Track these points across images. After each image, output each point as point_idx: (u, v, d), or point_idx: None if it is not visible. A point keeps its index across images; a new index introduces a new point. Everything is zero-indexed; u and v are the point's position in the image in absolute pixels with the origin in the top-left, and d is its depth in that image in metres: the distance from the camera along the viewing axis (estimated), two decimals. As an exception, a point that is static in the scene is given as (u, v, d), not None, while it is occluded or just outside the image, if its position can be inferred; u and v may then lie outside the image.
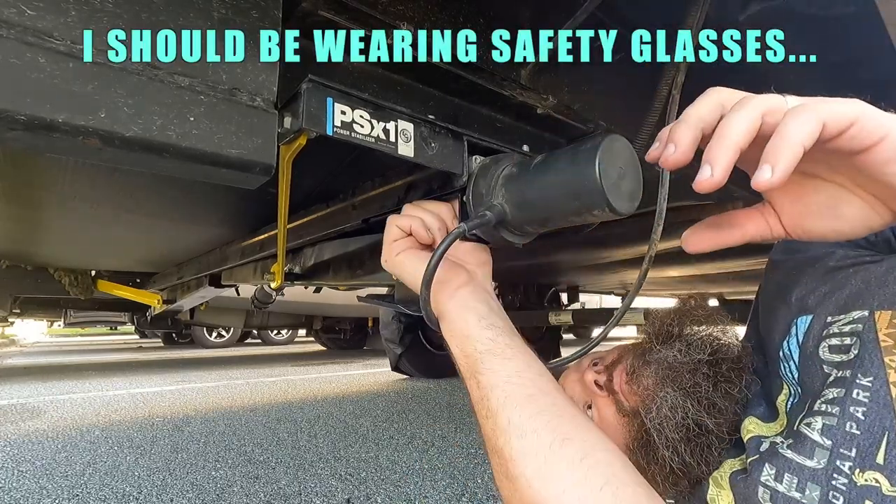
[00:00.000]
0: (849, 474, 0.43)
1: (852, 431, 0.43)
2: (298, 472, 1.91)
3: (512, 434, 0.46)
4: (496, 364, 0.50)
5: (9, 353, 9.48)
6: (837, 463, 0.43)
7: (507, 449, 0.46)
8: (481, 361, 0.50)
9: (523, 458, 0.45)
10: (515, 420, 0.47)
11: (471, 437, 2.41)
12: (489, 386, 0.49)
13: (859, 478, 0.42)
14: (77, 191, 1.35)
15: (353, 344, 7.89)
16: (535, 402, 0.47)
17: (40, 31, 0.36)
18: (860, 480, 0.42)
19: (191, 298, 2.88)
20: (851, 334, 0.49)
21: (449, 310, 0.54)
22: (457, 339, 0.53)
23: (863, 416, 0.43)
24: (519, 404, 0.47)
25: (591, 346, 0.65)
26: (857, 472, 0.42)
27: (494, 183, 0.53)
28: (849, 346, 0.49)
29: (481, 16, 0.64)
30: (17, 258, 2.82)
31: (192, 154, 0.43)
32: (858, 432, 0.43)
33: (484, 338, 0.52)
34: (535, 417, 0.46)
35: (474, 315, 0.53)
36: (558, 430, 0.46)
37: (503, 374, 0.49)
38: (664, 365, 0.62)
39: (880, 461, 0.41)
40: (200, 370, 5.36)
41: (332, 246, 1.51)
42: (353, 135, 0.52)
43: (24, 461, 2.08)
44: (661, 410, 0.60)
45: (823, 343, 0.51)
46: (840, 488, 0.43)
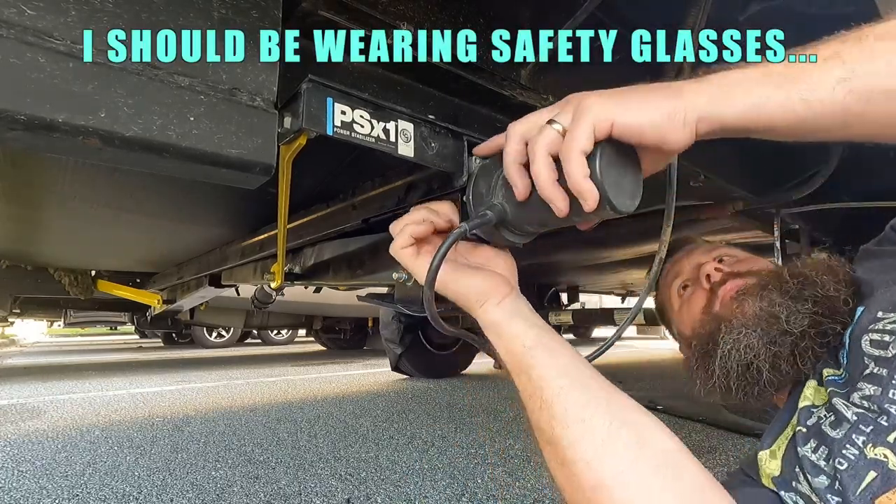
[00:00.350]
0: (861, 447, 0.47)
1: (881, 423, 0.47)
2: (298, 472, 1.91)
3: (570, 421, 0.47)
4: (546, 358, 0.51)
5: (9, 353, 9.48)
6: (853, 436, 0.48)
7: (564, 435, 0.47)
8: (531, 356, 0.52)
9: (581, 441, 0.46)
10: (572, 408, 0.48)
11: (471, 437, 2.41)
12: (542, 378, 0.50)
13: (870, 451, 0.46)
14: (77, 191, 1.35)
15: (353, 344, 7.88)
16: (590, 391, 0.49)
17: (40, 31, 0.36)
18: (870, 454, 0.46)
19: (191, 298, 2.88)
20: (893, 332, 0.51)
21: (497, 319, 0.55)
22: (504, 341, 0.55)
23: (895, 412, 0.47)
24: (574, 392, 0.49)
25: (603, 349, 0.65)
26: (870, 446, 0.46)
27: (494, 183, 0.53)
28: (887, 344, 0.51)
29: (481, 16, 0.64)
30: (18, 258, 2.83)
31: (192, 154, 0.43)
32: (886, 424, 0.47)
33: (531, 335, 0.53)
34: (590, 404, 0.48)
35: (520, 319, 0.55)
36: (615, 415, 0.47)
37: (555, 366, 0.51)
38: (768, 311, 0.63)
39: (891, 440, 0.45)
40: (200, 370, 5.36)
41: (332, 246, 1.51)
42: (353, 135, 0.52)
43: (24, 461, 2.08)
44: (739, 342, 0.63)
45: (866, 336, 0.53)
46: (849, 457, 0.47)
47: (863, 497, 0.45)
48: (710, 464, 1.98)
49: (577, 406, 0.48)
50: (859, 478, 0.46)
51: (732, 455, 2.11)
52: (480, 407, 3.14)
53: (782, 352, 0.61)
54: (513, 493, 1.70)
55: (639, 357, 6.45)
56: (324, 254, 1.55)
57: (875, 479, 0.45)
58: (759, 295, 0.65)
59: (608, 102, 0.42)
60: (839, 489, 0.47)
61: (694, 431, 2.50)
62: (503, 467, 1.96)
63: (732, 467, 1.91)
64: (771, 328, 0.62)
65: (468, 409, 3.06)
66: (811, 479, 0.50)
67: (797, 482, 0.53)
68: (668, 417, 2.83)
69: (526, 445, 2.25)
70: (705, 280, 0.74)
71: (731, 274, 0.72)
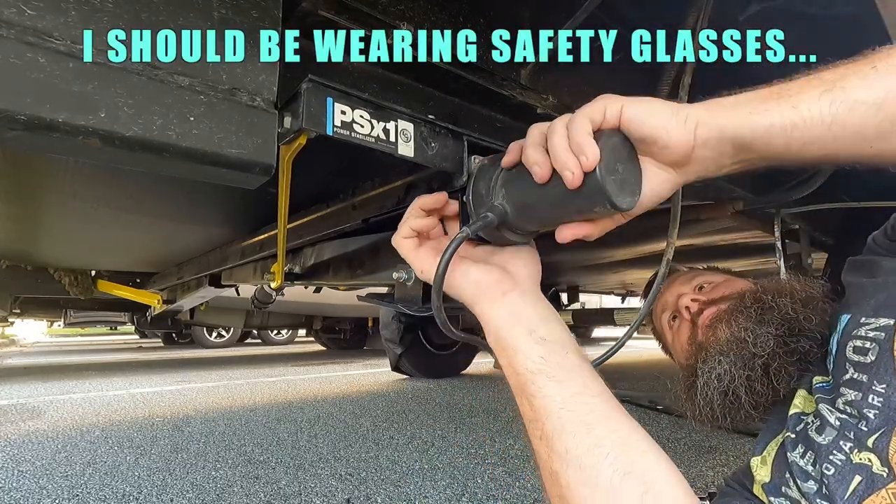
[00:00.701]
0: (847, 453, 0.48)
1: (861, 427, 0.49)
2: (298, 472, 1.91)
3: (570, 463, 0.45)
4: (550, 388, 0.47)
5: (9, 353, 9.48)
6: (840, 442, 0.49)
7: (564, 476, 0.45)
8: (532, 383, 0.48)
9: (582, 487, 0.44)
10: (573, 450, 0.45)
11: (471, 437, 2.41)
12: (543, 410, 0.47)
13: (856, 457, 0.47)
14: (77, 191, 1.35)
15: (353, 344, 7.89)
16: (593, 432, 0.45)
17: (40, 31, 0.36)
18: (856, 459, 0.47)
19: (191, 298, 2.88)
20: (874, 340, 0.52)
21: (494, 319, 0.52)
22: (505, 353, 0.51)
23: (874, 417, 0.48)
24: (576, 433, 0.45)
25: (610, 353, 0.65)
26: (856, 451, 0.48)
27: (494, 183, 0.53)
28: (867, 350, 0.52)
29: (481, 16, 0.64)
30: (18, 258, 2.83)
31: (192, 154, 0.43)
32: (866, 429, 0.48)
33: (535, 356, 0.49)
34: (593, 450, 0.44)
35: (523, 327, 0.51)
36: (618, 462, 0.44)
37: (558, 399, 0.47)
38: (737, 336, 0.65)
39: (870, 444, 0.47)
40: (200, 370, 5.36)
41: (332, 246, 1.51)
42: (353, 135, 0.52)
43: (24, 461, 2.08)
44: (713, 371, 0.66)
45: (850, 343, 0.54)
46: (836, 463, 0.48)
47: (850, 501, 0.45)
48: (710, 464, 1.98)
49: (579, 449, 0.44)
50: (846, 482, 0.46)
51: (732, 455, 2.11)
52: (480, 407, 3.14)
53: (755, 374, 0.64)
54: (513, 493, 1.70)
55: (639, 357, 6.45)
56: (324, 254, 1.55)
57: (860, 483, 0.45)
58: (728, 321, 0.68)
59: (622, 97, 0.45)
60: (827, 494, 0.47)
61: (694, 431, 2.50)
62: (503, 467, 1.97)
63: (732, 467, 1.91)
64: (742, 352, 0.65)
65: (468, 409, 3.06)
66: (800, 484, 0.51)
67: (787, 487, 0.53)
68: (668, 417, 2.83)
69: (526, 445, 2.25)
70: (685, 312, 0.77)
71: (706, 302, 0.75)
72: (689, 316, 0.76)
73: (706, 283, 0.80)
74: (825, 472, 0.48)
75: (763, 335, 0.63)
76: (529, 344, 0.50)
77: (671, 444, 2.27)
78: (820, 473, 0.49)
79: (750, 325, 0.65)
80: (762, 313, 0.65)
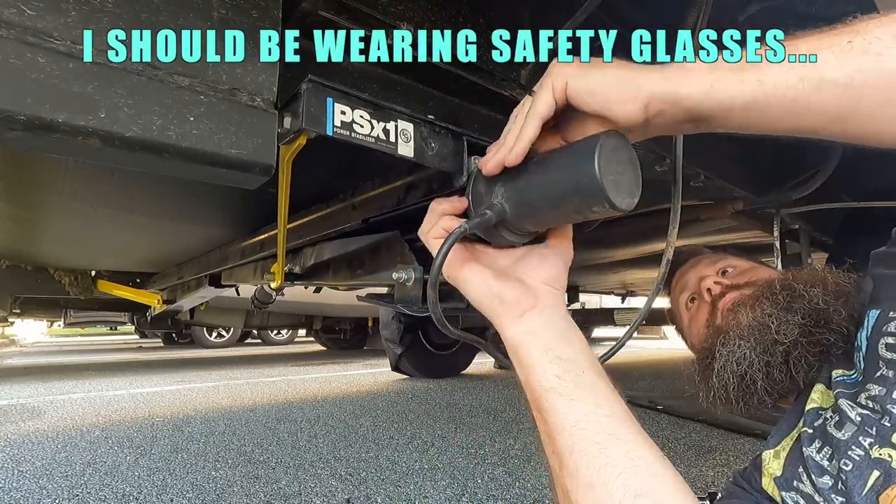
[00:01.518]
0: (867, 448, 0.47)
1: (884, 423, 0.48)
2: (298, 472, 1.91)
3: (581, 482, 0.44)
4: (562, 405, 0.47)
5: (9, 353, 9.48)
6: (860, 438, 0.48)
7: (574, 493, 0.45)
8: (546, 400, 0.48)
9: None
10: (584, 469, 0.45)
11: (471, 437, 2.41)
12: (555, 427, 0.47)
13: (875, 452, 0.47)
14: (77, 191, 1.35)
15: (353, 344, 7.88)
16: (605, 453, 0.45)
17: (40, 31, 0.36)
18: (875, 454, 0.47)
19: (191, 298, 2.88)
20: None
21: (512, 337, 0.52)
22: (522, 370, 0.52)
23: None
24: (587, 453, 0.45)
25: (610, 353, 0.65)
26: (876, 447, 0.47)
27: (494, 182, 0.53)
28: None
29: (481, 16, 0.64)
30: (18, 258, 2.83)
31: (192, 154, 0.43)
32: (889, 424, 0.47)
33: (549, 374, 0.49)
34: (604, 469, 0.44)
35: (539, 346, 0.51)
36: (630, 484, 0.43)
37: (571, 417, 0.47)
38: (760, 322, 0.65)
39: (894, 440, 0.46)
40: (200, 370, 5.36)
41: (332, 246, 1.51)
42: (353, 135, 0.52)
43: (24, 461, 2.08)
44: (733, 354, 0.65)
45: (883, 339, 0.53)
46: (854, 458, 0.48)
47: (869, 496, 0.45)
48: (710, 464, 1.98)
49: (590, 468, 0.44)
50: (864, 478, 0.46)
51: (732, 455, 2.11)
52: (480, 407, 3.14)
53: (774, 361, 0.63)
54: (513, 493, 1.70)
55: (638, 357, 6.46)
56: (324, 254, 1.55)
57: (879, 478, 0.45)
58: (752, 306, 0.67)
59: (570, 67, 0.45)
60: (843, 489, 0.47)
61: (694, 431, 2.50)
62: (503, 467, 1.97)
63: (732, 467, 1.91)
64: (763, 338, 0.64)
65: (468, 409, 3.06)
66: (815, 479, 0.50)
67: (799, 482, 0.53)
68: (668, 417, 2.83)
69: (526, 445, 2.25)
70: (706, 294, 0.76)
71: (730, 286, 0.74)
72: (710, 298, 0.75)
73: (730, 268, 0.80)
74: (843, 468, 0.48)
75: (788, 322, 0.62)
76: (545, 363, 0.50)
77: (671, 444, 2.27)
78: (837, 468, 0.48)
79: (776, 311, 0.64)
80: (791, 301, 0.64)
